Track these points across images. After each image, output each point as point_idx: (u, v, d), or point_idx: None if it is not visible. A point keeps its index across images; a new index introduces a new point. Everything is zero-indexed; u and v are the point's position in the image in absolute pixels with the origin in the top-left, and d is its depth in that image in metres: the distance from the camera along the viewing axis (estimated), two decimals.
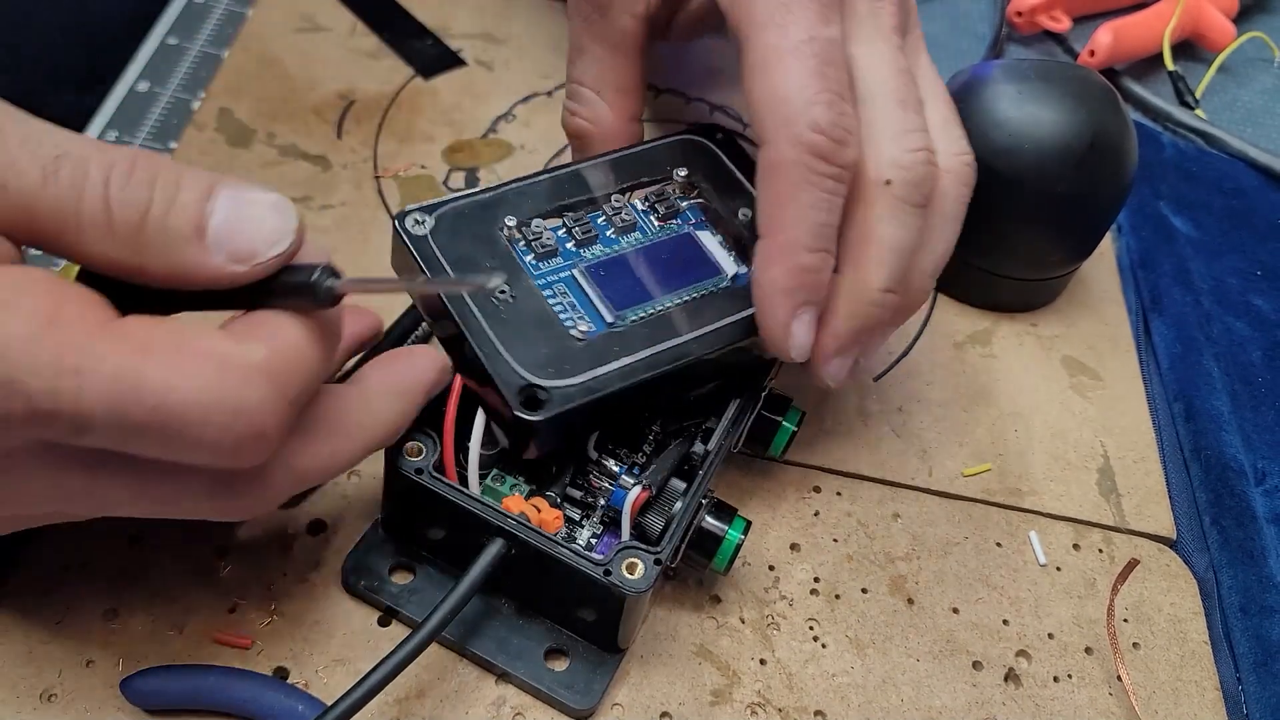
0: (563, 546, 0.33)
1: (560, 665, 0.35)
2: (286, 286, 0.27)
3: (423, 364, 0.32)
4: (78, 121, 0.49)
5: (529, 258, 0.36)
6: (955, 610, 0.40)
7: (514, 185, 0.38)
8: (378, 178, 0.50)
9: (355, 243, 0.47)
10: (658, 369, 0.34)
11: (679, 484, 0.36)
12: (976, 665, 0.38)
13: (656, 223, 0.39)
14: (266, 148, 0.50)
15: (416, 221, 0.36)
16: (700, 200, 0.40)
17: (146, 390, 0.23)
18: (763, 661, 0.37)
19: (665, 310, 0.36)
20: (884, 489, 0.43)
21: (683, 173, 0.40)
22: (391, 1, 0.59)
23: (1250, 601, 0.41)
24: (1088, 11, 0.69)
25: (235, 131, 0.50)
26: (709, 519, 0.35)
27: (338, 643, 0.35)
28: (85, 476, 0.26)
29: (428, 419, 0.34)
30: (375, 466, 0.40)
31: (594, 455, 0.37)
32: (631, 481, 0.36)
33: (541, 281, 0.36)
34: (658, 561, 0.33)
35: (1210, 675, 0.39)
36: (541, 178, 0.39)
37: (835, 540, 0.41)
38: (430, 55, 0.56)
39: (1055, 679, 0.38)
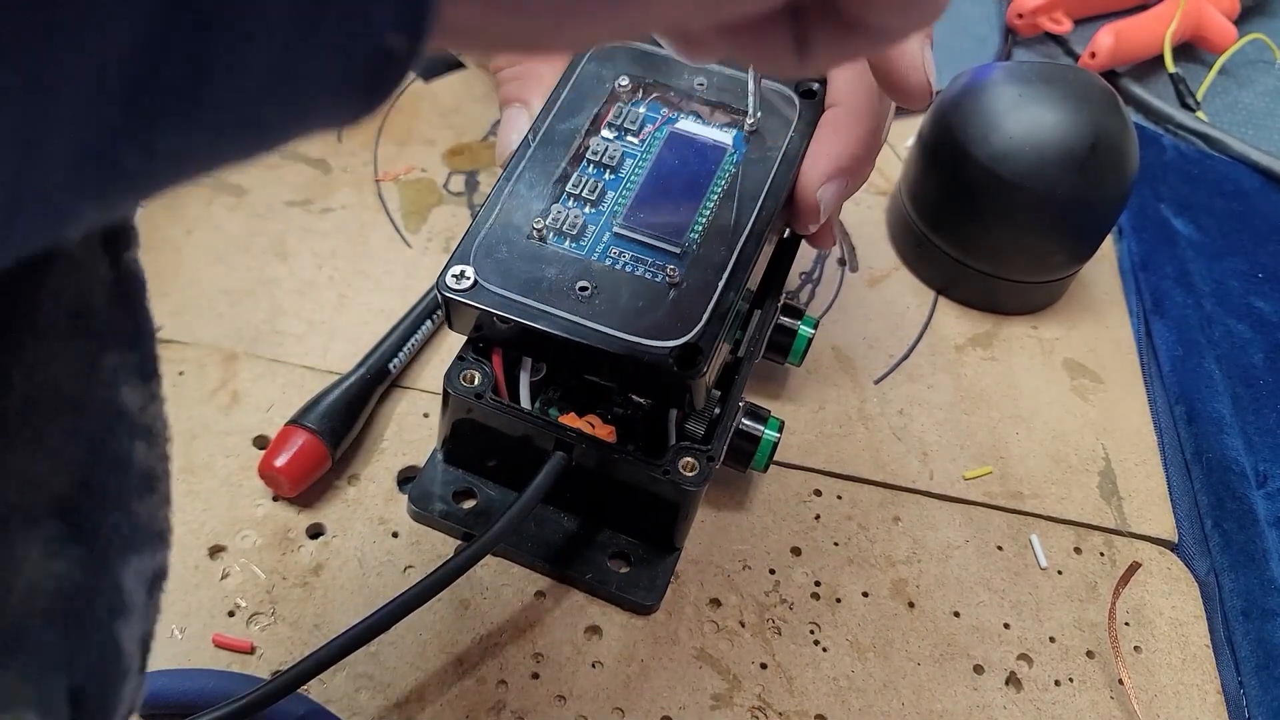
0: (623, 451, 0.35)
1: (624, 568, 0.38)
2: None
3: None
4: None
5: (568, 244, 0.35)
6: (956, 614, 0.40)
7: (504, 190, 0.36)
8: (378, 181, 0.50)
9: (355, 246, 0.47)
10: (751, 257, 0.35)
11: (715, 391, 0.37)
12: (978, 669, 0.38)
13: (637, 141, 0.38)
14: None
15: (457, 276, 0.34)
16: (655, 95, 0.39)
17: None
18: (763, 665, 0.37)
19: (713, 209, 0.36)
20: (885, 492, 0.43)
21: (624, 82, 0.39)
22: None
23: (1252, 605, 0.41)
24: (1089, 13, 0.69)
25: None
26: (745, 420, 0.38)
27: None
28: None
29: (479, 351, 0.37)
30: (375, 469, 0.40)
31: None
32: None
33: (599, 256, 0.35)
34: (710, 459, 0.35)
35: (1212, 679, 0.39)
36: (519, 169, 0.37)
37: (836, 543, 0.41)
38: (430, 58, 0.56)
39: (1056, 683, 0.38)
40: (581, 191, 0.36)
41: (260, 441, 0.40)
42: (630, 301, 0.34)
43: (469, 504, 0.39)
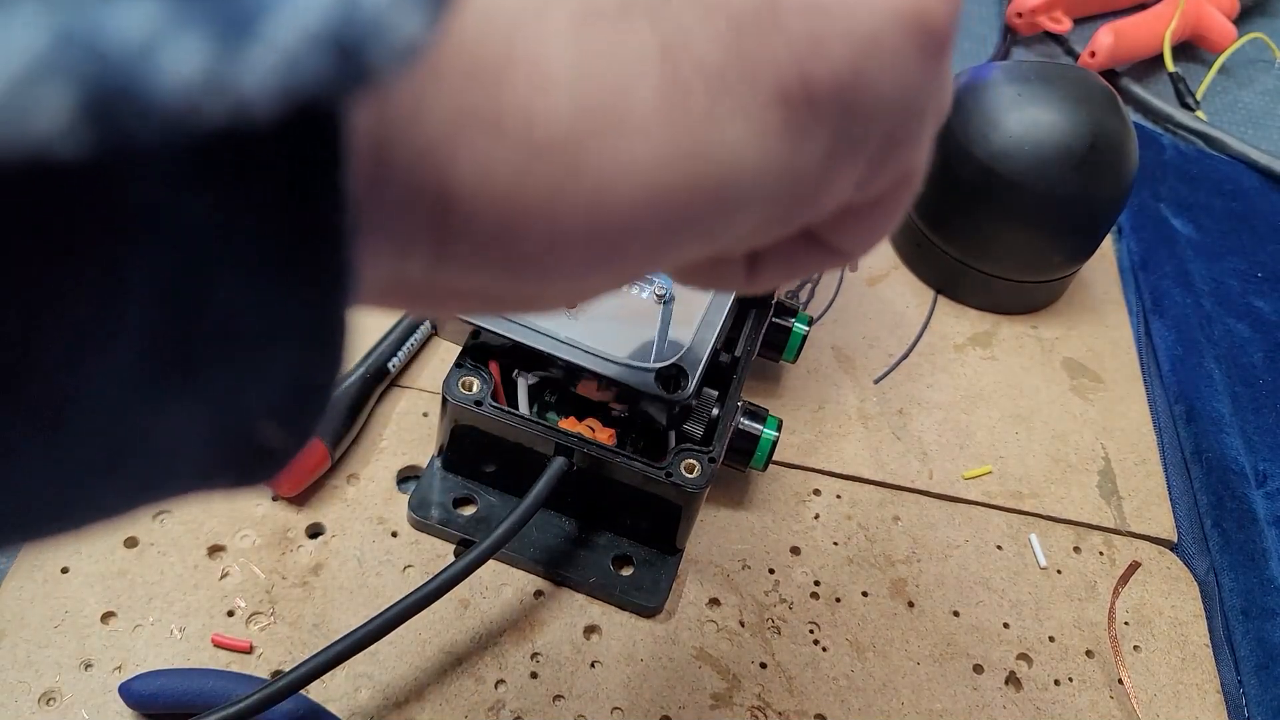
0: (624, 455, 0.35)
1: (627, 571, 0.38)
2: None
3: None
4: None
5: None
6: (956, 613, 0.40)
7: None
8: None
9: None
10: None
11: (711, 392, 0.37)
12: (977, 668, 0.38)
13: None
14: None
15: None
16: None
17: None
18: (763, 665, 0.37)
19: None
20: (884, 492, 0.43)
21: None
22: None
23: (1252, 604, 0.41)
24: (1089, 13, 0.69)
25: None
26: (744, 420, 0.38)
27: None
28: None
29: (476, 358, 0.37)
30: (374, 468, 0.40)
31: None
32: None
33: None
34: (711, 460, 0.36)
35: (1211, 678, 0.39)
36: None
37: (835, 543, 0.41)
38: None
39: (1056, 682, 0.38)
40: None
41: None
42: (617, 319, 0.34)
43: (469, 511, 0.39)
